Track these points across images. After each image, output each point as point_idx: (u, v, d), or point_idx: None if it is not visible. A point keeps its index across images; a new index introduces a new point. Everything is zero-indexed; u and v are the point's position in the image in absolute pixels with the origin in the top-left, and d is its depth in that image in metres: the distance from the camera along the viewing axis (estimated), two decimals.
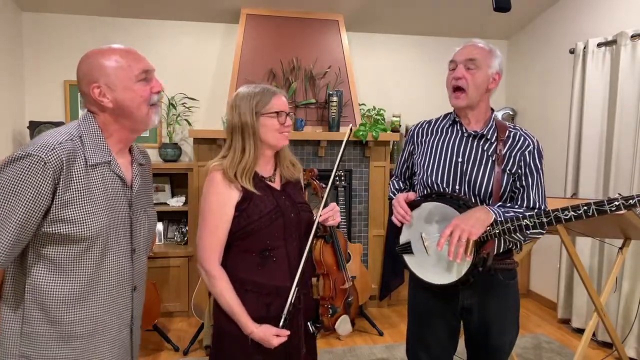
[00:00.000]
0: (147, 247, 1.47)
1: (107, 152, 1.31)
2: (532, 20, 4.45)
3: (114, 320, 1.35)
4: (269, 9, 4.08)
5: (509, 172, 1.69)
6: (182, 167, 3.95)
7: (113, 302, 1.33)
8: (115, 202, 1.32)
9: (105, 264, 1.30)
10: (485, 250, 1.58)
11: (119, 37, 4.05)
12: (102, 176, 1.29)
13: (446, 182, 1.73)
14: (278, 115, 1.58)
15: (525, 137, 1.73)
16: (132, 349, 1.45)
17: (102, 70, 1.29)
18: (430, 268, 1.68)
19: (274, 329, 1.52)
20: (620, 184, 3.30)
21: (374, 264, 4.10)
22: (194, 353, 3.28)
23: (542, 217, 1.52)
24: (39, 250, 1.24)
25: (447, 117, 1.85)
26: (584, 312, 3.63)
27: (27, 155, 1.17)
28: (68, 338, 1.27)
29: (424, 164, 1.79)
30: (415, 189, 1.86)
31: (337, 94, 3.88)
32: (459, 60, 1.72)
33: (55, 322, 1.26)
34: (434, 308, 1.79)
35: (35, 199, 1.17)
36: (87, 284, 1.27)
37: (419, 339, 1.85)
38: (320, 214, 1.60)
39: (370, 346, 3.38)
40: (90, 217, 1.24)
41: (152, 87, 1.34)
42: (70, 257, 1.24)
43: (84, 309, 1.28)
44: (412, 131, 1.92)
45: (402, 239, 1.77)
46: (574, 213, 1.48)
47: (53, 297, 1.25)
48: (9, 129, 3.78)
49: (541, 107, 4.36)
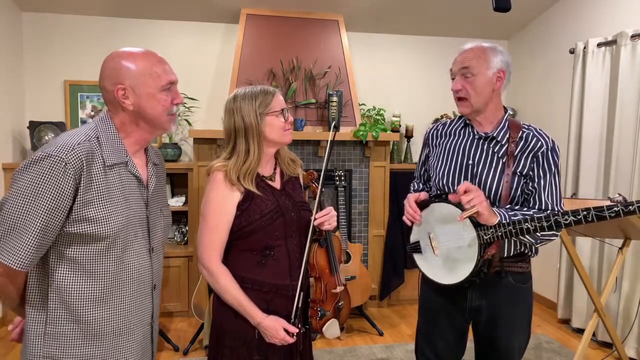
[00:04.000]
0: (163, 246, 1.50)
1: (124, 153, 1.33)
2: (532, 20, 4.45)
3: (137, 318, 1.37)
4: (269, 9, 4.08)
5: (520, 174, 1.66)
6: (182, 167, 3.95)
7: (135, 300, 1.35)
8: (133, 202, 1.34)
9: (126, 263, 1.31)
10: (489, 252, 1.59)
11: (119, 37, 4.05)
12: (120, 176, 1.31)
13: (457, 185, 1.72)
14: (281, 113, 1.60)
15: (538, 138, 1.69)
16: (152, 347, 1.47)
17: (131, 73, 1.30)
18: (437, 267, 1.70)
19: (282, 320, 1.53)
20: (620, 184, 3.30)
21: (374, 264, 4.10)
22: (194, 353, 3.28)
23: (542, 222, 1.51)
24: (61, 250, 1.25)
25: (460, 119, 1.84)
26: (584, 312, 3.63)
27: (47, 156, 1.18)
28: (93, 337, 1.29)
29: (437, 166, 1.81)
30: (431, 191, 1.88)
31: (337, 94, 3.88)
32: (455, 70, 1.71)
33: (81, 322, 1.27)
34: (442, 307, 1.79)
35: (58, 199, 1.18)
36: (109, 282, 1.29)
37: (427, 337, 1.86)
38: (315, 218, 1.61)
39: (370, 346, 3.38)
40: (111, 215, 1.25)
41: (173, 99, 1.36)
42: (92, 257, 1.26)
43: (108, 308, 1.30)
44: (428, 134, 1.92)
45: (412, 238, 1.80)
46: (574, 218, 1.48)
47: (77, 296, 1.26)
48: (9, 129, 3.78)
49: (541, 107, 4.36)
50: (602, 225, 2.65)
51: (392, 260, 4.04)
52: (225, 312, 1.58)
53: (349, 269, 3.61)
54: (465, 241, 1.60)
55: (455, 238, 1.64)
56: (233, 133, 1.60)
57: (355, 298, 3.57)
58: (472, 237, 1.59)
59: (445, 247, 1.67)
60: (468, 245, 1.60)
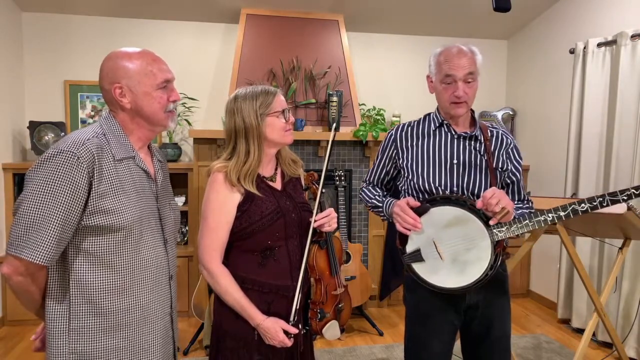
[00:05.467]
0: (175, 237, 1.53)
1: (130, 148, 1.37)
2: (532, 20, 4.45)
3: (157, 308, 1.39)
4: (269, 9, 4.08)
5: (501, 169, 1.76)
6: (182, 167, 3.95)
7: (154, 290, 1.38)
8: (144, 195, 1.37)
9: (142, 254, 1.34)
10: (499, 247, 1.61)
11: (119, 37, 4.05)
12: (129, 170, 1.34)
13: (444, 185, 1.73)
14: (282, 114, 1.60)
15: (505, 136, 1.82)
16: (173, 336, 1.49)
17: (126, 73, 1.34)
18: (443, 273, 1.65)
19: (282, 321, 1.53)
20: (620, 184, 3.30)
21: (374, 264, 4.11)
22: (194, 353, 3.28)
23: (559, 211, 1.60)
24: (78, 244, 1.27)
25: (429, 120, 1.84)
26: (584, 312, 3.63)
27: (59, 152, 1.21)
28: (116, 329, 1.31)
29: (416, 168, 1.77)
30: (402, 195, 1.83)
31: (337, 94, 3.88)
32: (459, 76, 1.69)
33: (103, 314, 1.29)
34: (437, 309, 1.78)
35: (74, 193, 1.21)
36: (128, 273, 1.32)
37: (421, 340, 1.84)
38: (315, 220, 1.61)
39: (370, 346, 3.38)
40: (125, 206, 1.28)
41: (169, 96, 1.39)
42: (109, 249, 1.28)
43: (128, 299, 1.32)
44: (394, 135, 1.86)
45: (409, 247, 1.69)
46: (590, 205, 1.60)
47: (98, 289, 1.28)
48: (9, 129, 3.78)
49: (541, 107, 4.36)
50: (602, 225, 2.65)
51: (392, 260, 4.04)
52: (225, 313, 1.58)
53: (349, 269, 3.62)
54: (476, 242, 1.59)
55: (463, 240, 1.62)
56: (233, 133, 1.60)
57: (355, 298, 3.57)
58: (483, 236, 1.60)
59: (452, 250, 1.64)
60: (479, 245, 1.60)
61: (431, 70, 1.80)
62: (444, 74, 1.71)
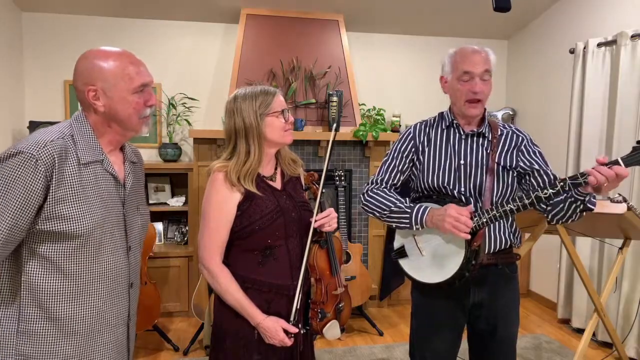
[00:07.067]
0: (140, 244, 1.48)
1: (99, 151, 1.32)
2: (532, 20, 4.45)
3: (112, 317, 1.35)
4: (269, 9, 4.08)
5: (508, 167, 1.75)
6: (182, 167, 3.95)
7: (111, 298, 1.34)
8: (109, 200, 1.32)
9: (101, 261, 1.30)
10: (476, 242, 1.61)
11: (119, 37, 4.05)
12: (95, 174, 1.29)
13: (452, 185, 1.74)
14: (282, 114, 1.60)
15: (517, 134, 1.80)
16: (128, 346, 1.45)
17: (102, 75, 1.28)
18: (426, 268, 1.71)
19: (282, 321, 1.53)
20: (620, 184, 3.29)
21: (374, 264, 4.10)
22: (194, 353, 3.28)
23: (524, 200, 1.57)
24: (33, 248, 1.24)
25: (441, 120, 1.85)
26: (584, 312, 3.63)
27: (18, 152, 1.17)
28: (68, 335, 1.27)
29: (428, 168, 1.79)
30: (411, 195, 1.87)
31: (337, 94, 3.88)
32: (476, 72, 1.69)
33: (54, 319, 1.26)
34: (443, 307, 1.79)
35: (27, 196, 1.17)
36: (83, 280, 1.28)
37: (426, 340, 1.85)
38: (315, 220, 1.61)
39: (370, 346, 3.38)
40: (84, 214, 1.24)
41: (146, 101, 1.34)
42: (64, 255, 1.24)
43: (82, 306, 1.28)
44: (413, 133, 1.85)
45: (396, 244, 1.80)
46: (552, 190, 1.55)
47: (50, 294, 1.25)
48: (9, 129, 3.78)
49: (541, 107, 4.36)
50: (602, 225, 2.65)
51: (392, 260, 4.03)
52: (225, 313, 1.58)
53: (349, 269, 3.61)
54: (452, 235, 1.60)
55: (438, 234, 1.67)
56: (233, 134, 1.60)
57: (356, 298, 3.57)
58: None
59: (432, 245, 1.69)
60: (455, 238, 1.61)
61: (445, 70, 1.79)
62: (462, 71, 1.71)
